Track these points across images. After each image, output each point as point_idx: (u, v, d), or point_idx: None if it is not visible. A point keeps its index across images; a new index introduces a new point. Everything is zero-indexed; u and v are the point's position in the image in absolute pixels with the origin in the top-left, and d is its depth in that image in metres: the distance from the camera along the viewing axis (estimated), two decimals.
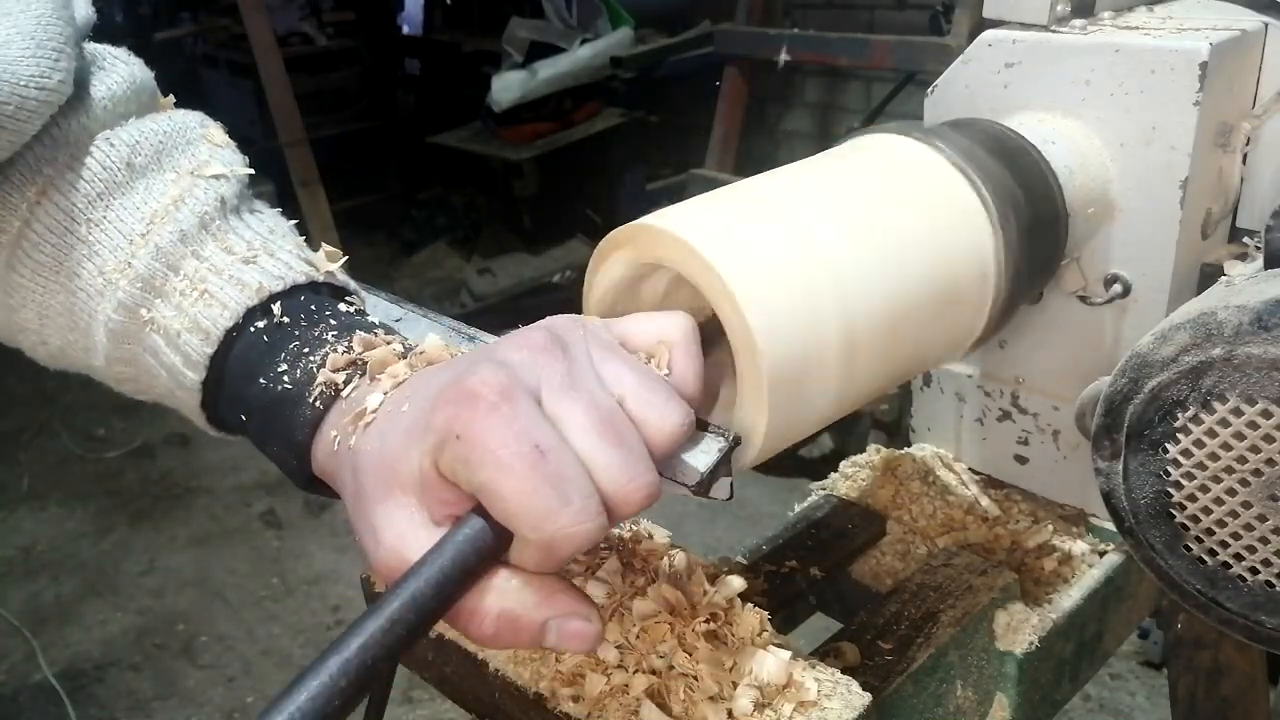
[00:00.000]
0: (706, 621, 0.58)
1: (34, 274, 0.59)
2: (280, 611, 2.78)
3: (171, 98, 0.65)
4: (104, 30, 0.65)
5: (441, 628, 0.65)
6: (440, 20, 5.30)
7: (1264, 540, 0.54)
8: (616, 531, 0.66)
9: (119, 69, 0.62)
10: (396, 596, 0.42)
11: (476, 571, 0.44)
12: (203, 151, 0.61)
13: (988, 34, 0.78)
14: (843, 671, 0.60)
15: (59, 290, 0.59)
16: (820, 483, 0.94)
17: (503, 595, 0.45)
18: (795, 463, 2.93)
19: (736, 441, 0.52)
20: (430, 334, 0.56)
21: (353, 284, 0.63)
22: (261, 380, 0.56)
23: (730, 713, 0.55)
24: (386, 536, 0.46)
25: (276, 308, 0.57)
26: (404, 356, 0.54)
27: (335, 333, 0.56)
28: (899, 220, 0.62)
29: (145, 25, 5.58)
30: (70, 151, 0.58)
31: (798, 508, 0.90)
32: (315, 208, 4.28)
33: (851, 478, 0.93)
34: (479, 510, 0.44)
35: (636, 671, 0.57)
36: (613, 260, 0.57)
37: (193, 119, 0.64)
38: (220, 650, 2.65)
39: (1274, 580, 0.54)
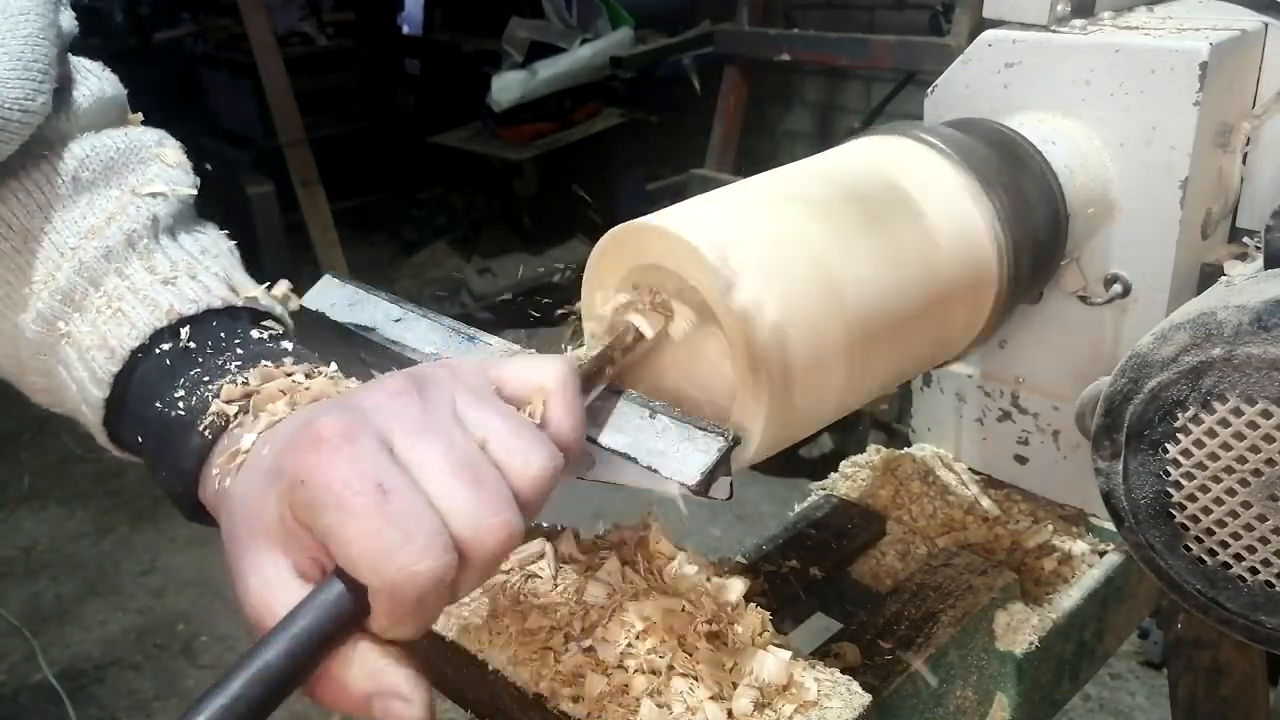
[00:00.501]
0: (708, 622, 0.58)
1: None
2: None
3: (139, 115, 0.65)
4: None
5: (441, 628, 0.65)
6: (440, 20, 5.30)
7: (1264, 540, 0.54)
8: (618, 533, 0.66)
9: (90, 83, 0.62)
10: (246, 668, 0.40)
11: (334, 639, 0.42)
12: (152, 170, 0.62)
13: (988, 34, 0.78)
14: (842, 671, 0.60)
15: None
16: (820, 483, 0.94)
17: (340, 658, 0.43)
18: (795, 463, 2.93)
19: (735, 441, 0.52)
20: (321, 372, 0.56)
21: (278, 309, 0.62)
22: (158, 404, 0.56)
23: (730, 713, 0.55)
24: (252, 585, 0.45)
25: (185, 332, 0.57)
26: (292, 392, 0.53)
27: (239, 362, 0.56)
28: (899, 221, 0.62)
29: (145, 25, 5.58)
30: (21, 161, 0.58)
31: (798, 508, 0.90)
32: (315, 208, 4.28)
33: (851, 478, 0.93)
34: (339, 572, 0.42)
35: (636, 672, 0.57)
36: (612, 260, 0.57)
37: (150, 137, 0.64)
38: (220, 650, 2.65)
39: (1274, 580, 0.54)
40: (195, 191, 0.63)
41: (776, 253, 0.55)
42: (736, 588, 0.61)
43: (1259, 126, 0.75)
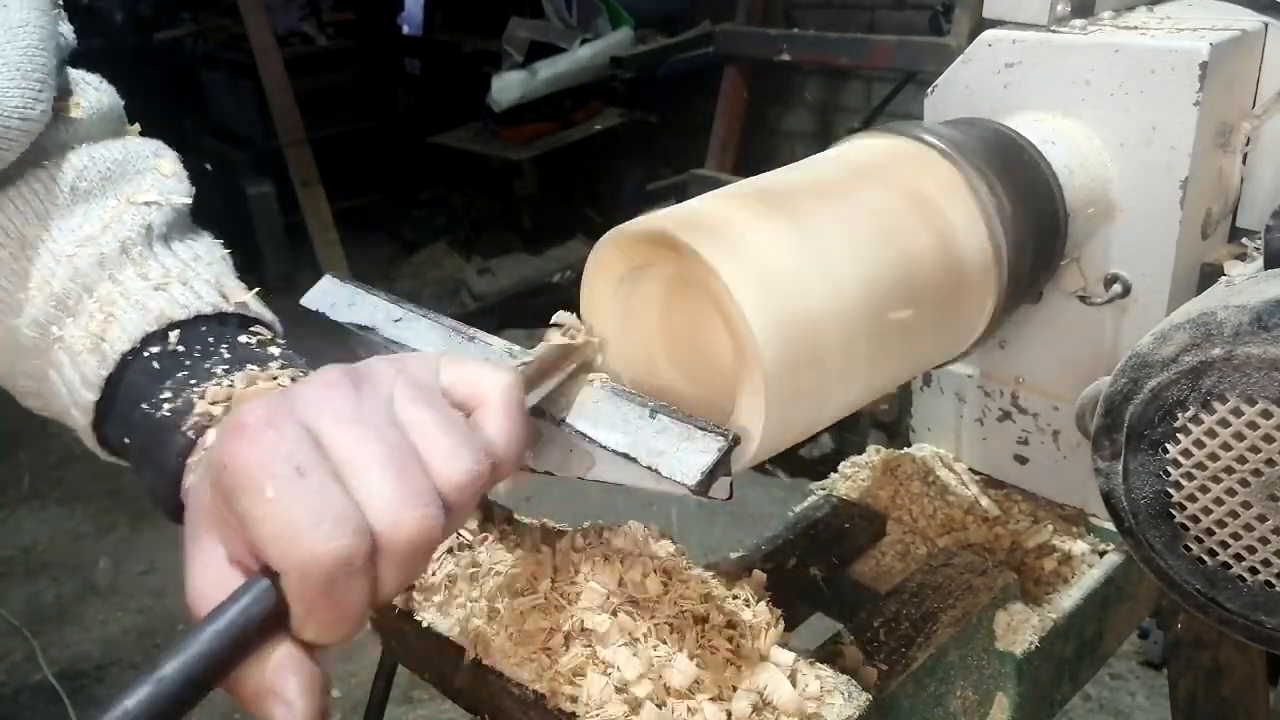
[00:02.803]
0: (705, 620, 0.58)
1: None
2: None
3: (136, 126, 0.67)
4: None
5: (441, 628, 0.65)
6: (440, 20, 5.29)
7: (1264, 540, 0.54)
8: (618, 538, 0.66)
9: (88, 94, 0.63)
10: (165, 662, 0.40)
11: (256, 638, 0.42)
12: (148, 180, 0.63)
13: (988, 34, 0.78)
14: (843, 672, 0.60)
15: None
16: (820, 483, 0.94)
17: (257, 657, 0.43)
18: (795, 463, 2.93)
19: (736, 441, 0.52)
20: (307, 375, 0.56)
21: (268, 315, 0.63)
22: (144, 405, 0.56)
23: (730, 714, 0.55)
24: (192, 571, 0.45)
25: (174, 335, 0.58)
26: None
27: (225, 366, 0.57)
28: (898, 220, 0.62)
29: (145, 25, 5.58)
30: (20, 170, 0.59)
31: (798, 508, 0.90)
32: (315, 208, 4.28)
33: (851, 478, 0.93)
34: (265, 568, 0.42)
35: (637, 672, 0.57)
36: (611, 261, 0.57)
37: (147, 148, 0.65)
38: None
39: (1274, 580, 0.54)
40: (190, 200, 0.63)
41: (778, 252, 0.55)
42: (744, 588, 0.61)
43: (1259, 126, 0.75)
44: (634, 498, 0.65)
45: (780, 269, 0.54)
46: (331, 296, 0.65)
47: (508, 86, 4.04)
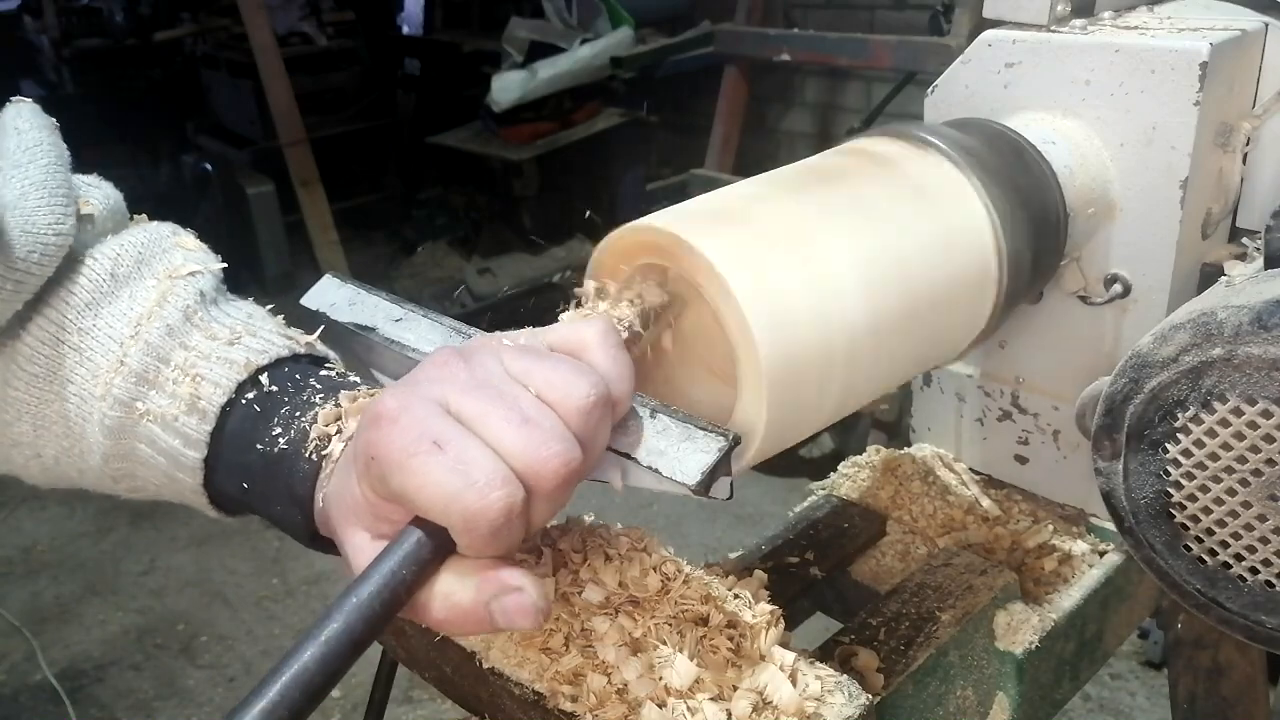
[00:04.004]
0: (705, 620, 0.58)
1: (28, 386, 0.62)
2: (280, 612, 2.78)
3: (144, 215, 0.70)
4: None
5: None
6: (440, 20, 5.30)
7: (1264, 540, 0.54)
8: (619, 538, 0.65)
9: (95, 194, 0.66)
10: (342, 606, 0.45)
11: (422, 571, 0.47)
12: (177, 256, 0.66)
13: (988, 34, 0.78)
14: (854, 673, 0.60)
15: (53, 399, 0.63)
16: (820, 483, 0.94)
17: (446, 583, 0.48)
18: (795, 463, 2.93)
19: (736, 441, 0.52)
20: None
21: (332, 354, 0.67)
22: (259, 446, 0.59)
23: (730, 714, 0.55)
24: (349, 558, 0.50)
25: (264, 379, 0.61)
26: None
27: (322, 394, 0.60)
28: (899, 220, 0.62)
29: (145, 25, 5.58)
30: (58, 275, 0.62)
31: (798, 508, 0.90)
32: (315, 208, 4.28)
33: (851, 478, 0.93)
34: (415, 520, 0.47)
35: (636, 672, 0.57)
36: (613, 261, 0.57)
37: (165, 229, 0.68)
38: (220, 650, 2.65)
39: (1274, 580, 0.54)
40: (222, 272, 0.67)
41: (778, 252, 0.55)
42: (744, 588, 0.61)
43: (1259, 126, 0.75)
44: (634, 497, 0.65)
45: (781, 269, 0.54)
46: (331, 296, 0.65)
47: (508, 86, 4.04)
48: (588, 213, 4.13)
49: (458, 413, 0.47)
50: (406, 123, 5.15)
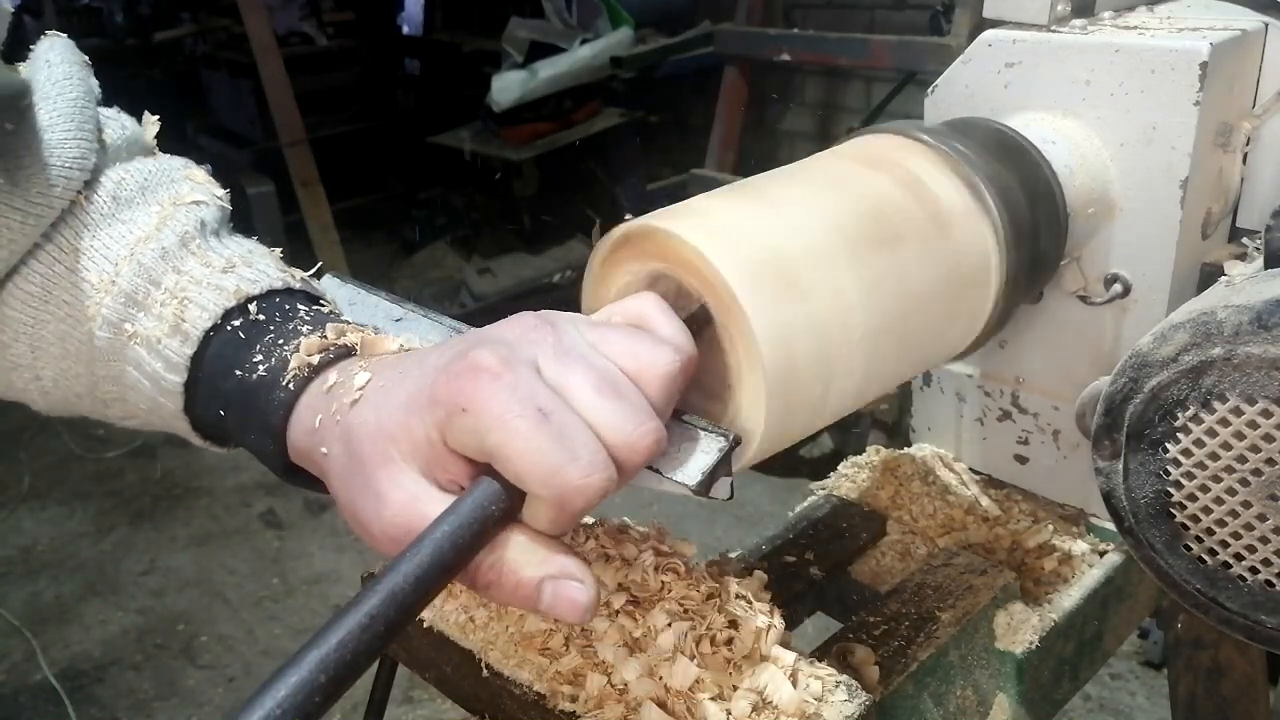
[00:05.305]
0: (705, 620, 0.58)
1: (24, 305, 0.61)
2: (280, 611, 2.78)
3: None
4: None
5: (441, 627, 0.65)
6: (440, 20, 5.29)
7: (1264, 540, 0.54)
8: (619, 537, 0.66)
9: (113, 125, 0.66)
10: (417, 551, 0.44)
11: (492, 529, 0.46)
12: (184, 187, 0.65)
13: (988, 34, 0.78)
14: (854, 672, 0.60)
15: (49, 319, 0.62)
16: (820, 483, 0.94)
17: (508, 548, 0.47)
18: (795, 463, 2.93)
19: (736, 441, 0.52)
20: (381, 332, 0.59)
21: (327, 294, 0.65)
22: (238, 372, 0.58)
23: (729, 714, 0.55)
24: (395, 497, 0.48)
25: (253, 307, 0.60)
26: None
27: (309, 326, 0.59)
28: (899, 220, 0.62)
29: (145, 25, 5.58)
30: None
31: (798, 508, 0.90)
32: (315, 208, 4.28)
33: (851, 478, 0.93)
34: (490, 473, 0.46)
35: (636, 672, 0.57)
36: (612, 261, 0.57)
37: (177, 161, 0.68)
38: (220, 650, 2.65)
39: (1274, 580, 0.54)
40: (228, 205, 0.66)
41: (778, 252, 0.55)
42: (744, 588, 0.61)
43: (1259, 126, 0.75)
44: (634, 497, 0.65)
45: (782, 268, 0.54)
46: (332, 296, 0.65)
47: (508, 86, 4.04)
48: (588, 212, 4.13)
49: (551, 379, 0.47)
50: (406, 123, 5.15)
